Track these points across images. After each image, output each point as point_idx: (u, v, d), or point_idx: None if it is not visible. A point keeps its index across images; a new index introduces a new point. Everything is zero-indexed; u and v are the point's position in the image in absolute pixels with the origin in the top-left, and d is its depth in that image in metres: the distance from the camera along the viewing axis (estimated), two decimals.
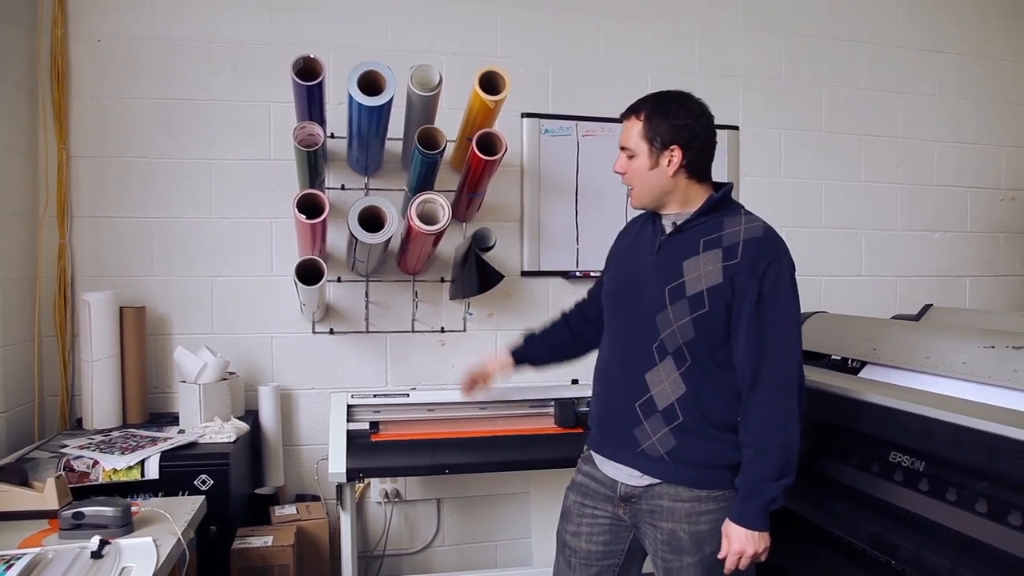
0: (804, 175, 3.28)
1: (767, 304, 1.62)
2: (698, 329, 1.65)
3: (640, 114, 1.72)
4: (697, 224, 1.71)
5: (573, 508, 1.86)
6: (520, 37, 2.96)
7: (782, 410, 1.62)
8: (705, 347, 1.66)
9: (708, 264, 1.64)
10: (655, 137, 1.69)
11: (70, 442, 2.29)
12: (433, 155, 2.33)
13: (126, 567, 1.57)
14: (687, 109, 1.70)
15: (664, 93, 1.74)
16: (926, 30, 3.41)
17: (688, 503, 1.68)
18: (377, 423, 2.54)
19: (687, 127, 1.68)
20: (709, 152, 1.74)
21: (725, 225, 1.68)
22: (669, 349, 1.68)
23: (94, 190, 2.64)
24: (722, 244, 1.65)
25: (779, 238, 1.69)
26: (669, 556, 1.71)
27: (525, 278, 2.98)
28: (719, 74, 3.16)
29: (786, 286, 1.65)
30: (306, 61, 2.24)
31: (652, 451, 1.70)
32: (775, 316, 1.63)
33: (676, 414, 1.68)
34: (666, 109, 1.69)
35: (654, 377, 1.70)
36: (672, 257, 1.70)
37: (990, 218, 3.53)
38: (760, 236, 1.66)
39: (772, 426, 1.61)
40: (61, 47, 2.58)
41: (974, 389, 1.89)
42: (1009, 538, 1.55)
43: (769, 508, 1.61)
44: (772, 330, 1.62)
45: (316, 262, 2.34)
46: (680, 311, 1.65)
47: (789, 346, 1.64)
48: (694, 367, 1.67)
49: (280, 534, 2.35)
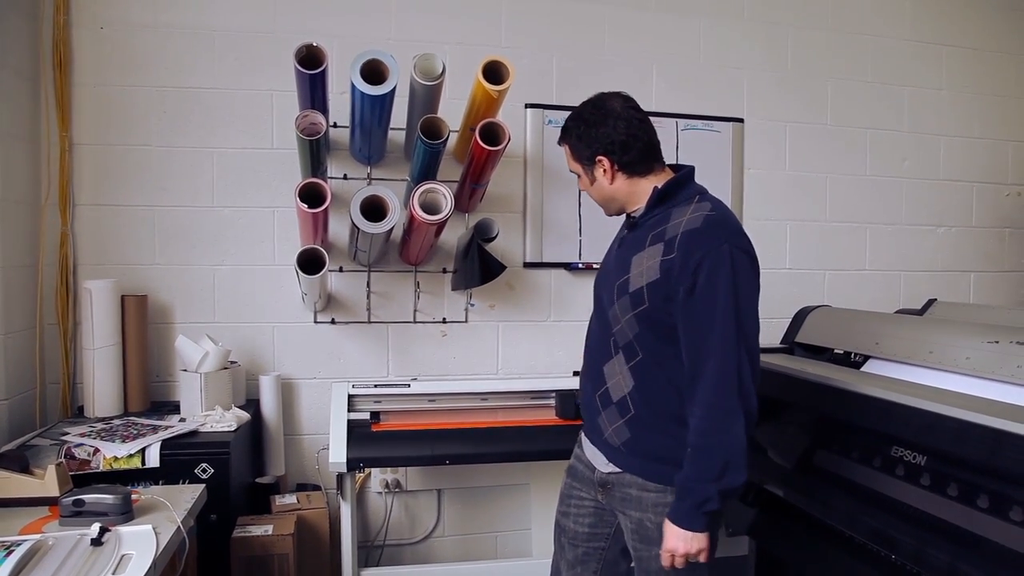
0: (809, 168, 3.26)
1: (701, 298, 1.55)
2: (642, 325, 1.64)
3: (564, 140, 1.79)
4: (649, 218, 1.70)
5: (565, 489, 1.93)
6: (524, 27, 2.94)
7: (719, 409, 1.53)
8: (652, 342, 1.65)
9: (650, 259, 1.62)
10: (581, 157, 1.75)
11: (71, 430, 2.29)
12: (436, 145, 2.32)
13: (126, 554, 1.57)
14: (598, 116, 1.70)
15: (578, 110, 1.75)
16: (933, 23, 3.39)
17: (654, 493, 1.68)
18: (378, 413, 2.54)
19: (602, 135, 1.69)
20: (638, 146, 1.69)
21: (672, 217, 1.64)
22: (620, 343, 1.70)
23: (96, 178, 2.63)
24: (664, 238, 1.62)
25: (723, 225, 1.61)
26: (639, 546, 1.72)
27: (527, 269, 2.97)
28: (724, 66, 3.14)
29: (724, 278, 1.54)
30: (309, 49, 2.23)
31: (612, 440, 1.73)
32: (711, 310, 1.54)
33: (628, 407, 1.69)
34: (580, 126, 1.72)
35: (610, 370, 1.73)
36: (627, 252, 1.71)
37: (995, 213, 3.51)
38: (698, 227, 1.59)
39: (708, 424, 1.54)
40: (63, 34, 2.57)
41: (977, 384, 1.89)
42: (1010, 533, 1.54)
43: (703, 509, 1.54)
44: (708, 325, 1.54)
45: (318, 251, 2.34)
46: (624, 307, 1.66)
47: (728, 341, 1.53)
48: (644, 361, 1.67)
49: (280, 523, 2.36)
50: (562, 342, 2.98)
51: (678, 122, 3.06)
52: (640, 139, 1.70)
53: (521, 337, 2.98)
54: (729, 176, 3.13)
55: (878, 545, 1.85)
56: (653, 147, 1.73)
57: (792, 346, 2.63)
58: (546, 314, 3.00)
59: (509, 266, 2.82)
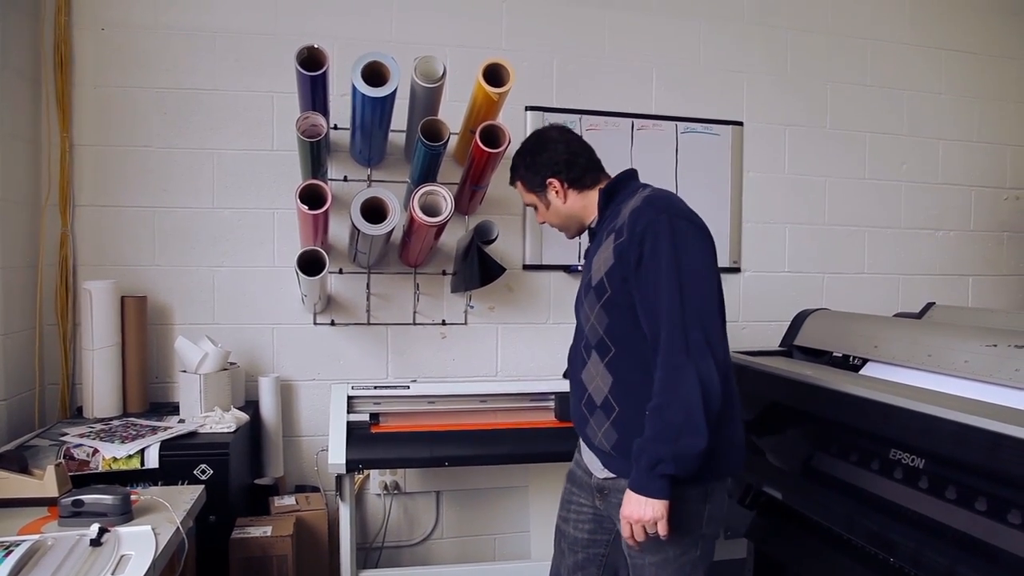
0: (808, 171, 3.27)
1: (647, 267, 1.57)
2: (610, 314, 1.67)
3: (514, 179, 1.91)
4: (603, 221, 1.79)
5: (565, 495, 1.94)
6: (525, 30, 2.94)
7: (673, 368, 1.52)
8: (621, 330, 1.66)
9: (605, 251, 1.69)
10: (532, 186, 1.86)
11: (70, 430, 2.29)
12: (436, 147, 2.33)
13: (125, 555, 1.57)
14: (540, 145, 1.84)
15: (522, 145, 1.89)
16: (933, 27, 3.40)
17: None
18: (377, 415, 2.54)
19: (547, 160, 1.81)
20: (581, 161, 1.82)
21: (621, 211, 1.71)
22: (592, 342, 1.73)
23: (96, 179, 2.64)
24: (615, 227, 1.69)
25: (663, 200, 1.65)
26: (634, 553, 1.71)
27: (527, 272, 2.97)
28: (724, 69, 3.15)
29: (665, 244, 1.56)
30: (310, 51, 2.23)
31: (601, 446, 1.73)
32: (658, 276, 1.56)
33: (612, 405, 1.70)
34: (526, 158, 1.85)
35: (587, 376, 1.76)
36: (590, 258, 1.78)
37: (994, 217, 3.52)
38: (639, 206, 1.65)
39: (664, 385, 1.53)
40: (65, 35, 2.57)
41: (975, 387, 1.89)
42: (1008, 536, 1.55)
43: (656, 471, 1.51)
44: (655, 292, 1.56)
45: (318, 253, 2.34)
46: (591, 302, 1.71)
47: (673, 303, 1.54)
48: (618, 354, 1.68)
49: (279, 524, 2.36)
50: (561, 344, 2.94)
51: (677, 125, 3.06)
52: (581, 155, 1.83)
53: (520, 339, 2.98)
54: (728, 179, 3.14)
55: (876, 548, 1.86)
56: (595, 160, 1.85)
57: (791, 349, 2.63)
58: (545, 316, 3.00)
59: (508, 268, 2.83)
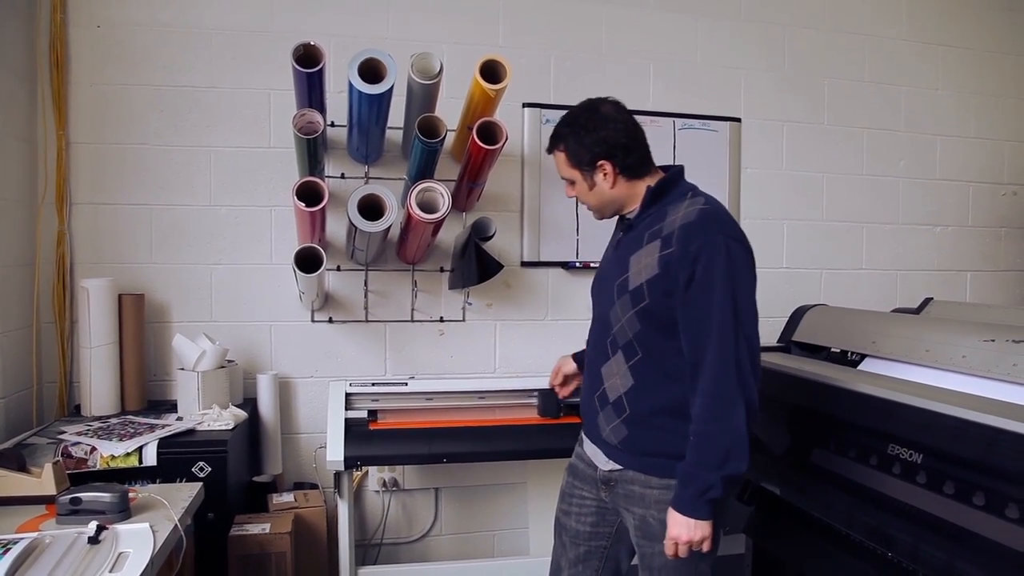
0: (806, 168, 3.27)
1: (700, 289, 1.58)
2: (643, 322, 1.66)
3: (559, 145, 1.76)
4: (644, 218, 1.74)
5: (567, 488, 1.94)
6: (522, 27, 2.94)
7: (721, 397, 1.56)
8: (654, 338, 1.67)
9: (648, 256, 1.66)
10: (580, 162, 1.73)
11: (68, 428, 2.28)
12: (433, 144, 2.32)
13: (123, 553, 1.57)
14: (597, 121, 1.71)
15: (572, 114, 1.76)
16: (930, 23, 3.40)
17: (657, 490, 1.69)
18: (375, 412, 2.54)
19: (603, 139, 1.70)
20: (636, 149, 1.73)
21: (668, 214, 1.68)
22: (620, 343, 1.72)
23: (93, 177, 2.63)
24: (661, 234, 1.65)
25: (718, 219, 1.65)
26: (643, 542, 1.73)
27: (525, 268, 2.97)
28: (721, 65, 3.15)
29: (721, 268, 1.57)
30: (306, 48, 2.23)
31: (610, 439, 1.75)
32: (710, 301, 1.57)
33: (624, 407, 1.71)
34: (578, 131, 1.72)
35: (607, 371, 1.75)
36: (625, 253, 1.74)
37: (992, 213, 3.52)
38: (693, 220, 1.63)
39: (710, 412, 1.57)
40: (60, 33, 2.56)
41: (974, 382, 1.89)
42: (1006, 531, 1.55)
43: (706, 497, 1.56)
44: (708, 315, 1.57)
45: (315, 250, 2.34)
46: (625, 305, 1.69)
47: (725, 330, 1.56)
48: (644, 360, 1.69)
49: (278, 521, 2.36)
50: (559, 341, 2.97)
51: (675, 121, 3.07)
52: (639, 141, 1.74)
53: (518, 336, 2.98)
54: (726, 175, 3.14)
55: (875, 543, 1.86)
56: (648, 150, 1.77)
57: (789, 345, 2.63)
58: (543, 313, 3.00)
59: (506, 265, 2.82)
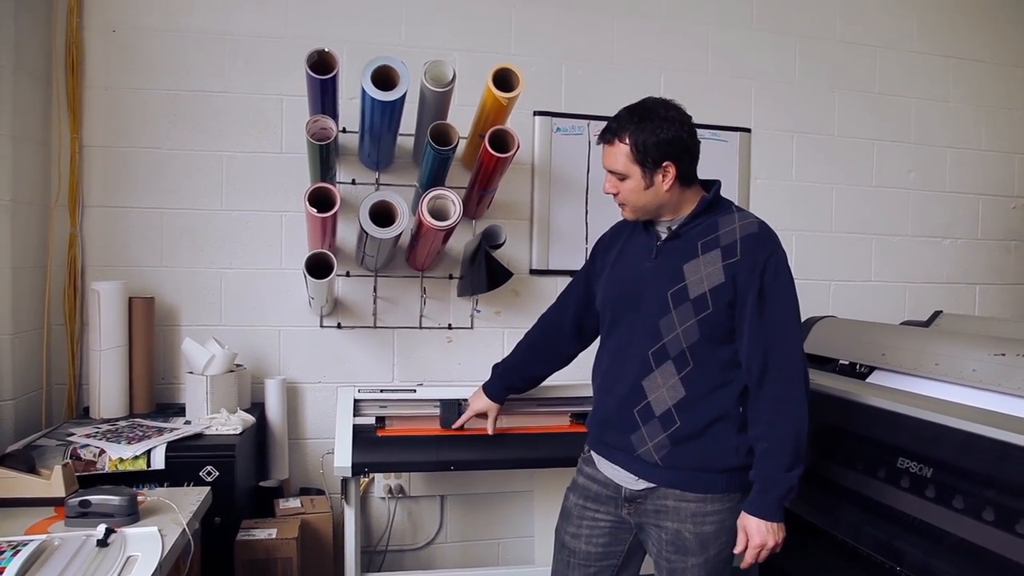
0: (815, 179, 3.27)
1: (769, 298, 1.64)
2: (703, 330, 1.66)
3: (624, 137, 1.67)
4: (693, 227, 1.72)
5: (574, 510, 1.87)
6: (534, 35, 2.95)
7: (791, 401, 1.64)
8: (709, 348, 1.67)
9: (709, 265, 1.66)
10: (645, 159, 1.66)
11: (77, 430, 2.29)
12: (445, 151, 2.33)
13: (131, 556, 1.58)
14: (669, 121, 1.65)
15: (641, 108, 1.69)
16: (940, 35, 3.39)
17: (694, 503, 1.68)
18: (383, 418, 2.53)
19: (676, 141, 1.65)
20: (697, 157, 1.73)
21: (720, 225, 1.69)
22: (671, 353, 1.68)
23: (106, 180, 2.64)
24: (720, 244, 1.67)
25: (773, 232, 1.72)
26: (673, 556, 1.71)
27: (534, 276, 2.97)
28: (732, 75, 3.15)
29: (785, 279, 1.67)
30: (320, 55, 2.24)
31: (647, 457, 1.71)
32: (778, 309, 1.65)
33: (673, 419, 1.69)
34: (649, 127, 1.64)
35: (651, 383, 1.71)
36: (671, 261, 1.71)
37: (1002, 225, 3.51)
38: (756, 232, 1.68)
39: (782, 417, 1.63)
40: (76, 37, 2.58)
41: (983, 396, 1.88)
42: (1016, 546, 1.54)
43: (786, 499, 1.63)
44: (776, 323, 1.64)
45: (326, 256, 2.34)
46: (685, 314, 1.67)
47: (793, 338, 1.68)
48: (696, 370, 1.68)
49: (284, 527, 2.36)
50: None
51: None
52: (698, 151, 1.74)
53: None
54: (736, 185, 3.14)
55: (883, 557, 1.85)
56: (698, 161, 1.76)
57: None
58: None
59: (515, 273, 2.82)
